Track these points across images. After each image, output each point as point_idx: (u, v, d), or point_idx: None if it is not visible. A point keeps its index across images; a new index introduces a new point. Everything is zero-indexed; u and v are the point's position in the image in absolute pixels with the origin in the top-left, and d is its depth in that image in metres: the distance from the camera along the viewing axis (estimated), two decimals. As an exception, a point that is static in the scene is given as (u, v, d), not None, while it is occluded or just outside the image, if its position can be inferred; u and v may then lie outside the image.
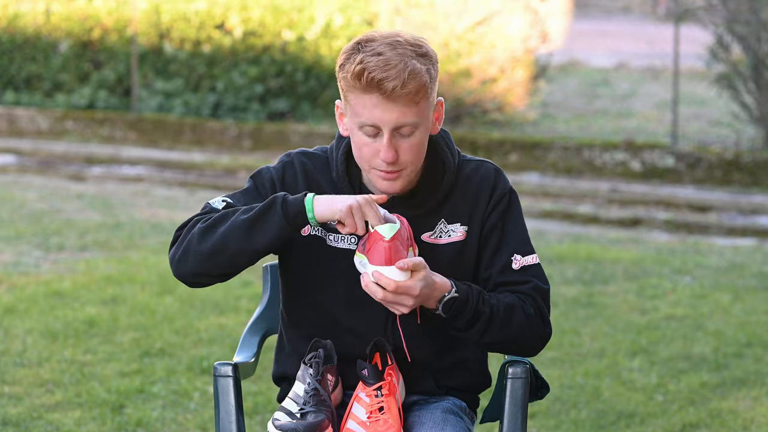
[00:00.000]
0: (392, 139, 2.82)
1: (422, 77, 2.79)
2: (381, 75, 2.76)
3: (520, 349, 2.96)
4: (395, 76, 2.76)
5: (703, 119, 13.95)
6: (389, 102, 2.79)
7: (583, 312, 6.63)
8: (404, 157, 2.85)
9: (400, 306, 2.78)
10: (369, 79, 2.77)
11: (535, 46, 13.99)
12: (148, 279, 7.21)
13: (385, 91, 2.77)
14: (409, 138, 2.84)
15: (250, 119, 13.98)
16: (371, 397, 2.80)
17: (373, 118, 2.81)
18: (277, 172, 2.98)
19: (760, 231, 9.52)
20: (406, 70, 2.77)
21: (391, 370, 2.86)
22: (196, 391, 5.29)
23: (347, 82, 2.81)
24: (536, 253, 3.00)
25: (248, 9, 14.07)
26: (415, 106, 2.81)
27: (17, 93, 15.20)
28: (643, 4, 24.37)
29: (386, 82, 2.76)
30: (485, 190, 2.97)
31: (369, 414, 2.78)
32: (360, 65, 2.77)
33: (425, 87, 2.81)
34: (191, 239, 2.89)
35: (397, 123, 2.81)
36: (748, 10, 12.03)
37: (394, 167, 2.85)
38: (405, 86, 2.77)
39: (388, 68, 2.76)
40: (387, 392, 2.81)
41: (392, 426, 2.76)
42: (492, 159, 11.99)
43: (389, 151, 2.82)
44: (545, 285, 2.96)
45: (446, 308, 2.83)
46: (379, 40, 2.81)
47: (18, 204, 9.92)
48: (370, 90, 2.78)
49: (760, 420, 5.00)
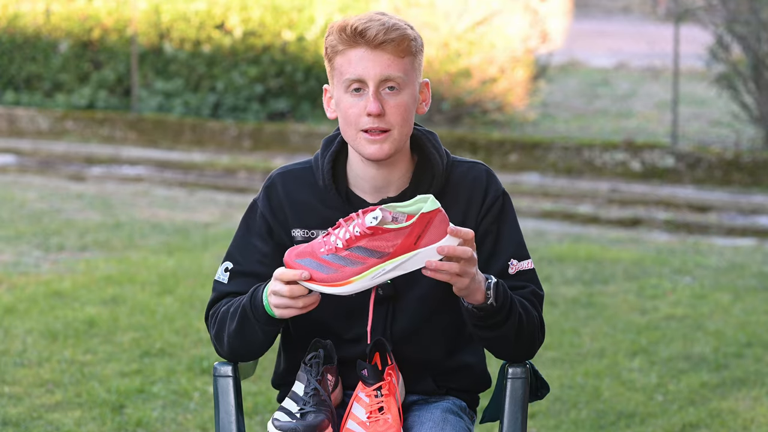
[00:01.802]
0: (378, 93, 2.83)
1: (406, 31, 2.83)
2: (364, 25, 2.81)
3: (524, 348, 2.93)
4: (378, 26, 2.81)
5: (703, 119, 13.95)
6: (374, 51, 2.81)
7: (583, 312, 6.63)
8: (390, 116, 2.84)
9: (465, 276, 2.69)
10: (353, 29, 2.81)
11: (535, 46, 13.99)
12: (148, 279, 7.21)
13: (369, 39, 2.80)
14: (395, 96, 2.84)
15: (250, 119, 13.98)
16: (371, 397, 2.80)
17: (358, 71, 2.82)
18: (263, 204, 2.98)
19: (760, 231, 9.52)
20: (390, 22, 2.82)
21: (390, 370, 2.85)
22: (196, 391, 5.29)
23: (332, 41, 2.85)
24: (531, 258, 2.98)
25: (248, 9, 14.07)
26: (400, 59, 2.83)
27: (17, 93, 15.20)
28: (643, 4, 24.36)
29: (370, 29, 2.80)
30: (478, 192, 2.96)
31: (369, 414, 2.78)
32: (344, 21, 2.83)
33: (409, 40, 2.83)
34: (213, 341, 3.01)
35: (383, 75, 2.82)
36: (748, 10, 12.02)
37: (381, 124, 2.83)
38: (388, 33, 2.80)
39: (372, 21, 2.82)
40: (387, 392, 2.80)
41: (392, 426, 2.76)
42: (492, 159, 12.00)
43: (375, 102, 2.82)
44: (540, 291, 2.96)
45: (496, 292, 2.78)
46: (363, 16, 2.85)
47: (18, 204, 9.93)
48: (355, 43, 2.81)
49: (760, 420, 5.00)
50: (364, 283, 2.66)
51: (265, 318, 2.81)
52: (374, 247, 2.64)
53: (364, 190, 2.94)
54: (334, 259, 2.65)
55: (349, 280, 2.66)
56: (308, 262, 2.67)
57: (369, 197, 2.94)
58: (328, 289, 2.66)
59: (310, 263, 2.67)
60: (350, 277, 2.65)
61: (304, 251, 2.69)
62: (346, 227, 2.67)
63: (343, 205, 2.94)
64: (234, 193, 11.01)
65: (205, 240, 8.50)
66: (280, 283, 2.72)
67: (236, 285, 2.96)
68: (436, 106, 13.33)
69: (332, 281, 2.65)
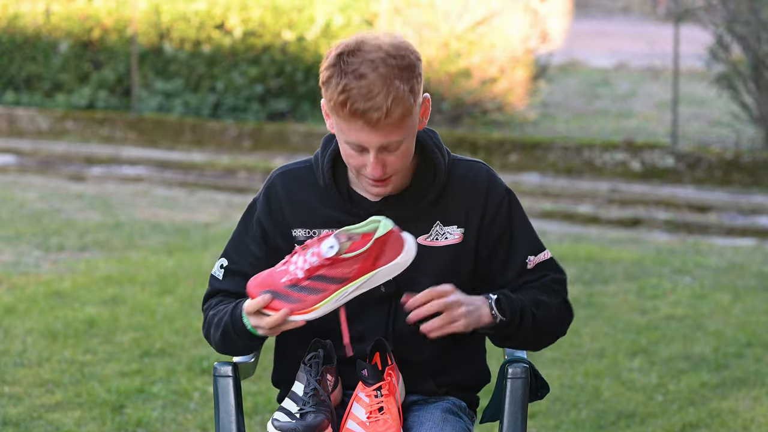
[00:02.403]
0: (379, 155, 2.81)
1: (406, 101, 2.75)
2: (365, 106, 2.73)
3: (548, 339, 3.04)
4: (379, 106, 2.72)
5: (703, 119, 13.95)
6: (374, 129, 2.77)
7: (583, 312, 6.63)
8: (392, 167, 2.84)
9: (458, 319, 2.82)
10: (353, 111, 2.74)
11: (535, 46, 13.99)
12: (148, 279, 7.21)
13: (370, 121, 2.75)
14: (396, 151, 2.82)
15: (250, 119, 13.98)
16: (371, 397, 2.80)
17: (358, 139, 2.79)
18: (261, 208, 2.99)
19: (760, 231, 9.52)
20: (390, 97, 2.73)
21: (390, 370, 2.86)
22: (196, 391, 5.29)
23: (330, 105, 2.79)
24: (546, 248, 3.03)
25: (248, 9, 14.07)
26: (401, 127, 2.79)
27: (17, 93, 15.20)
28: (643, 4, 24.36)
29: (370, 113, 2.73)
30: (480, 192, 2.96)
31: (368, 414, 2.79)
32: (343, 94, 2.73)
33: (409, 109, 2.78)
34: (204, 336, 3.09)
35: (383, 143, 2.79)
36: (748, 10, 12.02)
37: (383, 176, 2.84)
38: (390, 115, 2.74)
39: (371, 96, 2.72)
40: (387, 392, 2.81)
41: (392, 426, 2.76)
42: (492, 159, 12.00)
43: (376, 168, 2.81)
44: (561, 274, 3.02)
45: (500, 308, 2.87)
46: (360, 55, 2.75)
47: (18, 204, 9.93)
48: (354, 119, 2.76)
49: (760, 420, 5.00)
50: (329, 307, 2.73)
51: (247, 335, 2.87)
52: (334, 274, 2.71)
53: (365, 189, 2.94)
54: (296, 290, 2.72)
55: (313, 307, 2.73)
56: (271, 293, 2.74)
57: (370, 197, 2.94)
58: (294, 318, 2.73)
59: (273, 294, 2.73)
60: (314, 305, 2.73)
61: (264, 281, 2.75)
62: (304, 256, 2.73)
63: (344, 203, 2.94)
64: (234, 193, 11.01)
65: (205, 240, 8.50)
66: (254, 318, 2.79)
67: (228, 283, 3.02)
68: (436, 106, 13.33)
69: (296, 310, 2.72)
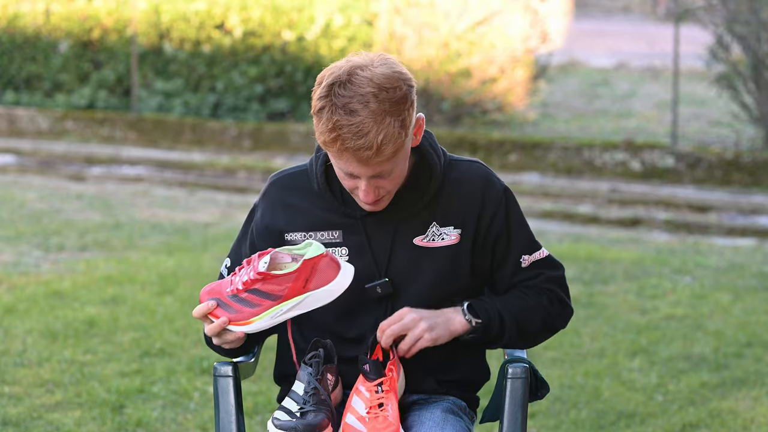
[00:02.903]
0: (371, 182, 2.81)
1: (396, 138, 2.73)
2: (355, 144, 2.71)
3: (542, 335, 3.06)
4: (370, 145, 2.71)
5: (703, 119, 13.95)
6: (365, 164, 2.76)
7: (583, 312, 6.63)
8: (385, 190, 2.85)
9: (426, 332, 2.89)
10: (344, 149, 2.73)
11: (535, 46, 13.99)
12: (148, 279, 7.21)
13: (360, 159, 2.74)
14: (388, 177, 2.82)
15: (250, 119, 13.98)
16: (371, 392, 2.81)
17: (349, 169, 2.79)
18: (257, 219, 3.02)
19: (760, 231, 9.52)
20: (380, 135, 2.71)
21: (392, 365, 2.86)
22: (196, 391, 5.29)
23: (320, 139, 2.77)
24: (542, 246, 3.04)
25: (248, 9, 14.07)
26: (391, 160, 2.78)
27: (17, 93, 15.20)
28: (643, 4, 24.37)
29: (361, 152, 2.72)
30: (477, 192, 2.96)
31: (368, 409, 2.79)
32: (334, 132, 2.72)
33: (400, 145, 2.76)
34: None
35: (374, 174, 2.79)
36: (748, 10, 12.03)
37: (376, 199, 2.85)
38: (380, 153, 2.73)
39: (362, 135, 2.70)
40: (388, 388, 2.82)
41: (391, 425, 2.76)
42: (492, 159, 12.00)
43: (369, 195, 2.82)
44: (557, 271, 3.02)
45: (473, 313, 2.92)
46: (352, 89, 2.72)
47: (18, 204, 9.93)
48: (345, 155, 2.75)
49: (760, 420, 5.00)
50: (265, 322, 2.80)
51: (223, 353, 2.98)
52: (267, 290, 2.78)
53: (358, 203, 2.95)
54: (235, 300, 2.80)
55: (250, 320, 2.81)
56: (216, 301, 2.83)
57: None
58: (232, 328, 2.82)
59: (218, 302, 2.82)
60: (250, 318, 2.80)
61: (213, 289, 2.84)
62: (246, 269, 2.81)
63: (338, 206, 2.94)
64: (234, 193, 11.01)
65: (205, 240, 8.50)
66: (206, 325, 2.84)
67: None
68: (436, 106, 13.33)
69: (235, 321, 2.81)
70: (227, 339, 2.84)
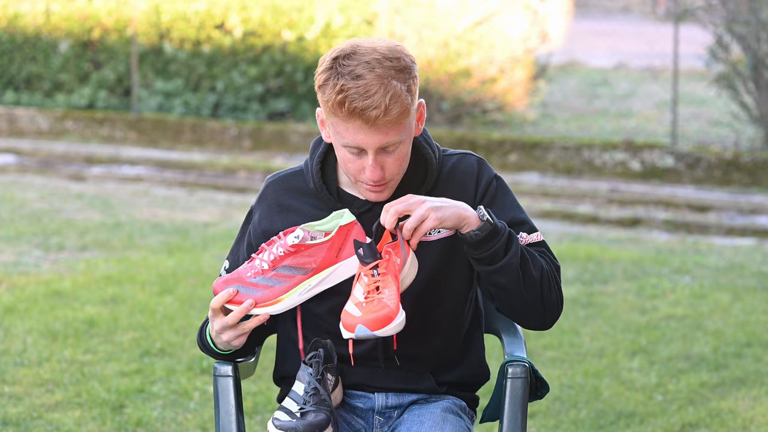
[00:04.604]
0: (377, 157, 2.82)
1: (404, 100, 2.76)
2: (362, 104, 2.73)
3: (540, 305, 2.87)
4: (377, 104, 2.73)
5: (703, 119, 13.95)
6: (372, 128, 2.77)
7: (582, 312, 6.63)
8: (390, 171, 2.85)
9: (432, 211, 2.74)
10: (351, 109, 2.74)
11: (535, 46, 13.99)
12: (148, 279, 7.21)
13: (368, 120, 2.75)
14: (394, 153, 2.83)
15: (250, 119, 13.98)
16: (368, 276, 2.73)
17: (356, 141, 2.79)
18: (254, 223, 3.02)
19: (760, 231, 9.52)
20: (388, 95, 2.74)
21: (391, 248, 2.77)
22: (196, 390, 5.29)
23: (327, 107, 2.79)
24: (539, 231, 2.97)
25: (248, 9, 14.07)
26: (398, 126, 2.80)
27: (17, 93, 15.20)
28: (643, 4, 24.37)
29: (368, 111, 2.74)
30: (470, 182, 2.97)
31: (366, 294, 2.72)
32: (341, 94, 2.74)
33: (407, 108, 2.79)
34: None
35: (381, 144, 2.80)
36: (748, 10, 12.03)
37: (380, 181, 2.85)
38: (388, 113, 2.75)
39: (369, 95, 2.73)
40: (384, 271, 2.74)
41: (386, 306, 2.69)
42: (492, 159, 12.00)
43: (375, 171, 2.82)
44: (556, 261, 2.94)
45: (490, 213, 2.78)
46: (356, 58, 2.76)
47: (18, 204, 9.93)
48: (352, 118, 2.76)
49: (760, 420, 5.00)
50: (293, 299, 2.77)
51: (219, 356, 2.98)
52: (299, 264, 2.76)
53: (362, 194, 2.95)
54: (262, 281, 2.77)
55: (279, 298, 2.77)
56: (236, 288, 2.78)
57: (361, 194, 2.95)
58: (258, 310, 2.77)
59: (239, 289, 2.78)
60: (279, 296, 2.77)
61: (230, 278, 2.80)
62: (269, 250, 2.78)
63: (334, 204, 2.95)
64: (234, 193, 11.01)
65: (205, 240, 8.50)
66: (219, 318, 2.82)
67: None
68: (436, 106, 13.33)
69: (262, 302, 2.77)
70: (246, 327, 2.81)
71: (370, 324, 2.66)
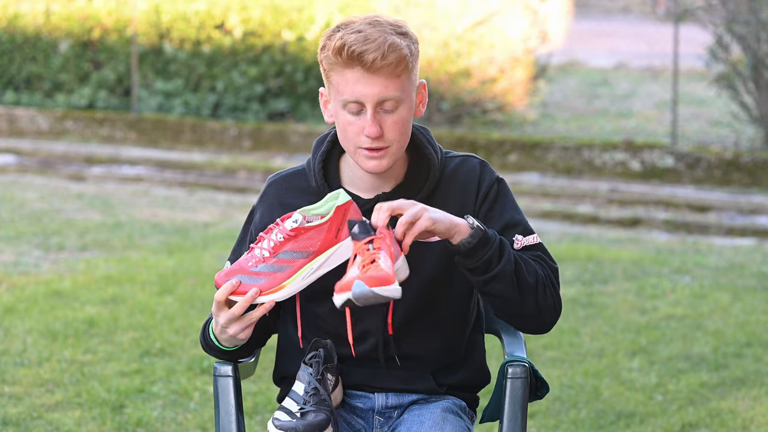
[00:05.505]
0: (376, 114, 2.84)
1: (402, 50, 2.83)
2: (361, 48, 2.80)
3: (537, 310, 2.86)
4: (375, 49, 2.80)
5: (703, 119, 13.95)
6: (371, 75, 2.81)
7: (582, 312, 6.64)
8: (389, 133, 2.86)
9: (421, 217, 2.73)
10: (350, 53, 2.80)
11: (535, 46, 13.99)
12: (148, 279, 7.21)
13: (366, 63, 2.80)
14: (393, 114, 2.85)
15: (250, 119, 13.98)
16: (362, 252, 2.70)
17: (355, 93, 2.83)
18: (257, 216, 3.03)
19: (760, 231, 9.52)
20: (386, 43, 2.81)
21: (384, 231, 2.73)
22: (196, 390, 5.29)
23: (329, 60, 2.85)
24: (536, 233, 2.97)
25: (248, 9, 14.07)
26: (397, 79, 2.83)
27: (17, 93, 15.20)
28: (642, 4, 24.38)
29: (367, 54, 2.79)
30: (472, 184, 2.97)
31: (362, 266, 2.68)
32: (341, 41, 2.82)
33: (405, 60, 2.84)
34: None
35: (380, 97, 2.83)
36: (748, 10, 12.03)
37: (380, 143, 2.85)
38: (385, 58, 2.80)
39: (368, 42, 2.80)
40: (379, 246, 2.71)
41: (383, 270, 2.64)
42: (492, 159, 12.00)
43: (373, 125, 2.83)
44: (554, 263, 2.93)
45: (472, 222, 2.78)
46: (358, 21, 2.86)
47: (18, 204, 9.93)
48: (351, 64, 2.81)
49: (760, 420, 5.00)
50: (297, 284, 2.77)
51: (223, 354, 2.97)
52: (299, 248, 2.76)
53: (359, 187, 2.96)
54: (265, 268, 2.77)
55: (283, 284, 2.76)
56: (239, 279, 2.78)
57: (364, 194, 2.96)
58: (263, 298, 2.76)
59: (242, 279, 2.77)
60: (282, 282, 2.76)
61: (232, 270, 2.80)
62: (268, 237, 2.78)
63: (336, 203, 2.95)
64: (234, 193, 11.02)
65: (205, 240, 8.50)
66: (224, 311, 2.81)
67: None
68: (436, 106, 13.33)
69: (266, 289, 2.76)
70: (253, 318, 2.81)
71: (367, 280, 2.62)
